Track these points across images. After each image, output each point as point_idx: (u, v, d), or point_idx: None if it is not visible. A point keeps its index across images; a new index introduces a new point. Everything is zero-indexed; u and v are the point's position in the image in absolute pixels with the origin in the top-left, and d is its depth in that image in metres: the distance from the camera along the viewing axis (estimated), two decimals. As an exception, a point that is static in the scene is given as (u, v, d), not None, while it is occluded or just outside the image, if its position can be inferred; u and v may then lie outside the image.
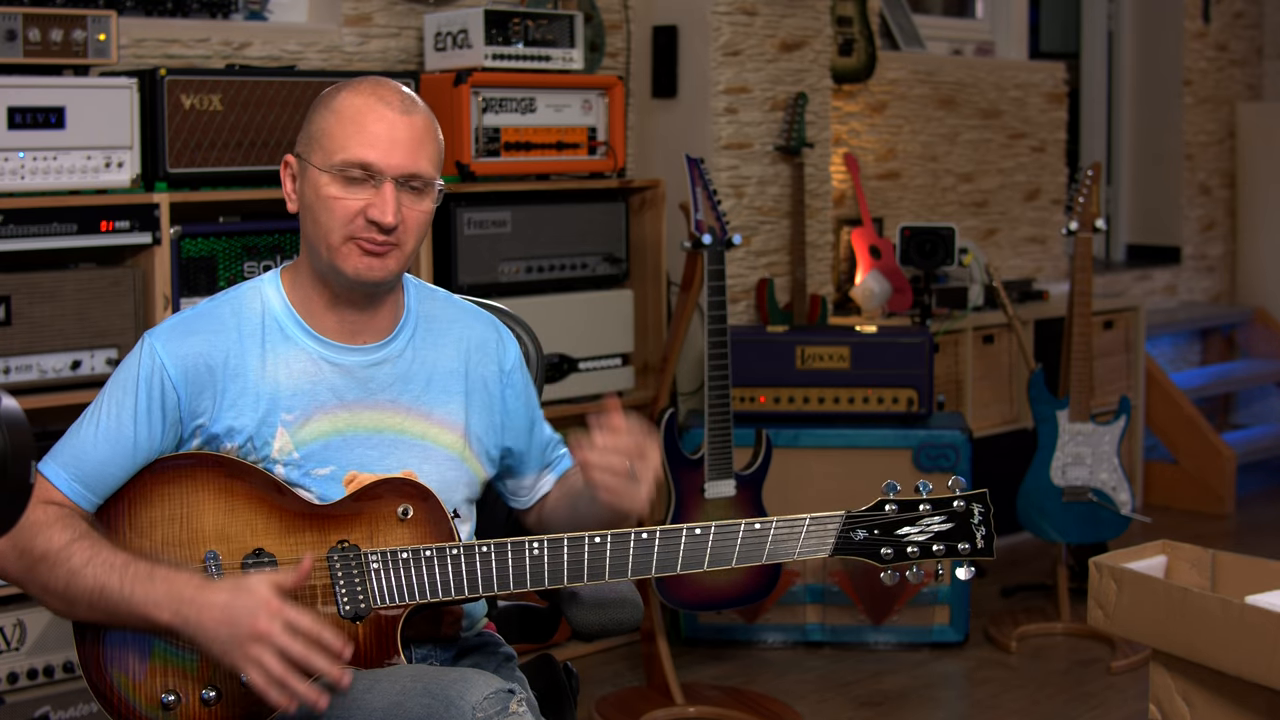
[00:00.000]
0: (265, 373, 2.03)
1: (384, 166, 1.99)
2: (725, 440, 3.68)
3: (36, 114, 3.10)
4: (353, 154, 1.99)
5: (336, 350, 2.07)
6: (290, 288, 2.09)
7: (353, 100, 2.02)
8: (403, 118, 2.02)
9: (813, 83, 4.71)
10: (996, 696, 3.92)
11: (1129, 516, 4.28)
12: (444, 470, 2.11)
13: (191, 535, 1.97)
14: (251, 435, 2.02)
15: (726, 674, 4.03)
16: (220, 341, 2.03)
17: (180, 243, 3.28)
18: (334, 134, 2.01)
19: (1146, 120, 6.70)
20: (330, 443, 2.04)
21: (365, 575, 1.99)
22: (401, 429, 2.09)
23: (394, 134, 2.00)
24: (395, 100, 2.03)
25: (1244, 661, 2.37)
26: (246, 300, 2.08)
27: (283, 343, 2.05)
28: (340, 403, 2.06)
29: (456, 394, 2.14)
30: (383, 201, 1.99)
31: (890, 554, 2.05)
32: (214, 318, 2.06)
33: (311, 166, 2.03)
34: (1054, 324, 5.06)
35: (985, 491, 2.08)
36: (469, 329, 2.19)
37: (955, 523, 2.06)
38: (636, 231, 4.18)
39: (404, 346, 2.12)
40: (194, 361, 2.01)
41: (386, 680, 1.92)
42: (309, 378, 2.05)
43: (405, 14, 4.10)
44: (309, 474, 2.03)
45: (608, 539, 2.01)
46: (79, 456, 1.99)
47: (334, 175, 2.00)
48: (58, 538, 1.91)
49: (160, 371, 2.00)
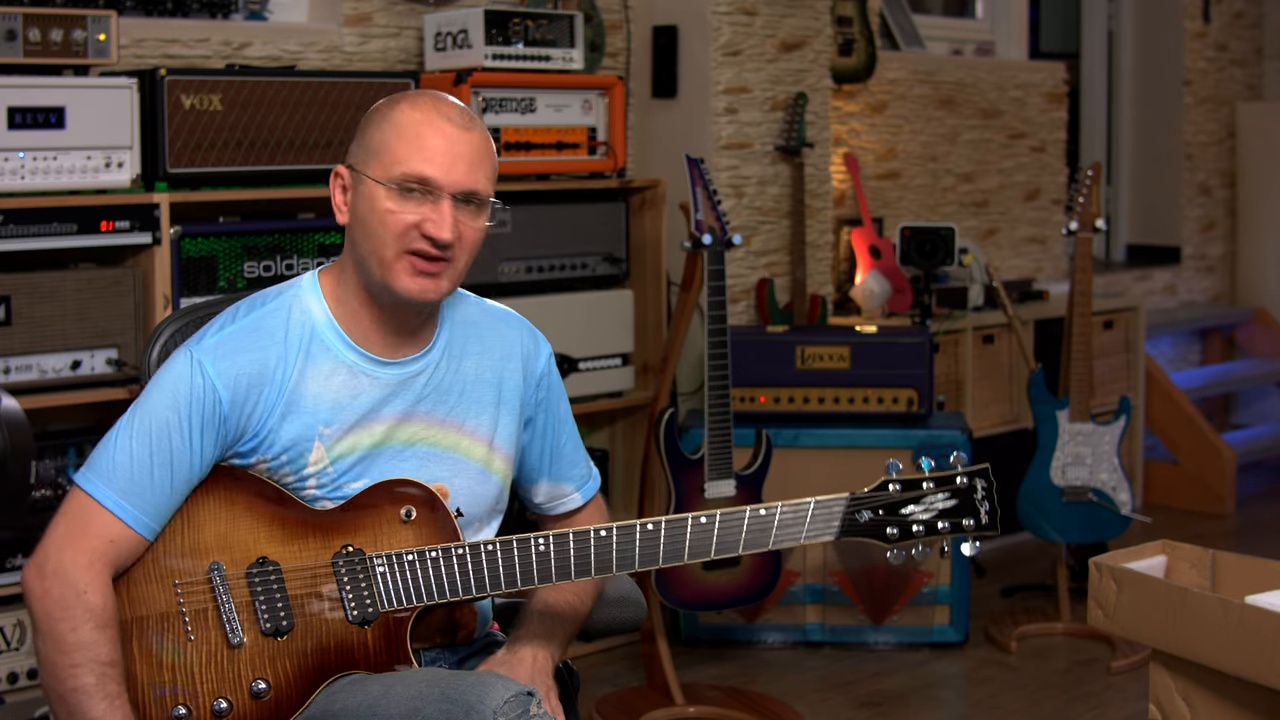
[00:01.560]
0: (306, 386, 2.01)
1: (443, 182, 1.97)
2: (725, 440, 3.68)
3: (36, 114, 3.10)
4: (413, 168, 1.96)
5: (376, 364, 2.05)
6: (332, 297, 2.05)
7: (412, 114, 1.99)
8: (463, 133, 1.99)
9: (813, 83, 4.71)
10: (996, 696, 3.92)
11: (1129, 516, 4.28)
12: (474, 483, 2.11)
13: (194, 546, 1.96)
14: (288, 449, 2.00)
15: (726, 674, 4.03)
16: (267, 357, 2.00)
17: (180, 243, 3.28)
18: (393, 147, 1.98)
19: (1146, 120, 6.70)
20: (365, 456, 2.03)
21: (371, 579, 1.98)
22: (435, 442, 2.08)
23: (454, 149, 1.98)
24: (455, 116, 2.00)
25: (1244, 661, 2.37)
26: (291, 310, 2.04)
27: (323, 355, 2.03)
28: (377, 416, 2.04)
29: (488, 404, 2.13)
30: (440, 217, 1.96)
31: (896, 533, 2.05)
32: (261, 333, 2.01)
33: (367, 179, 1.99)
34: (1054, 324, 5.06)
35: (987, 466, 2.08)
36: (501, 336, 2.18)
37: (959, 499, 2.06)
38: (636, 231, 4.18)
39: (440, 357, 2.10)
40: (243, 380, 1.98)
41: (401, 685, 1.91)
42: (349, 391, 2.03)
43: (405, 14, 4.10)
44: (342, 488, 2.02)
45: (613, 532, 2.01)
46: (136, 483, 1.93)
47: (391, 189, 1.97)
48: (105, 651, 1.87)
49: (212, 394, 1.96)
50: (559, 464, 2.25)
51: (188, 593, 1.95)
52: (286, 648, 1.96)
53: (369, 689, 1.93)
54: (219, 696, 1.93)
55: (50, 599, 1.88)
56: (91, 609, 1.87)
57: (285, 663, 1.96)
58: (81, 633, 1.86)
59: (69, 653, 1.86)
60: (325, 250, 3.49)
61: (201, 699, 1.93)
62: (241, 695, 1.93)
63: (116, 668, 1.88)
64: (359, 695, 1.93)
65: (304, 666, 1.96)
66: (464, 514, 2.09)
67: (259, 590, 1.96)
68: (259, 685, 1.94)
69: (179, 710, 1.92)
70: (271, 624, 1.95)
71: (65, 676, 1.87)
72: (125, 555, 1.92)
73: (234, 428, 1.98)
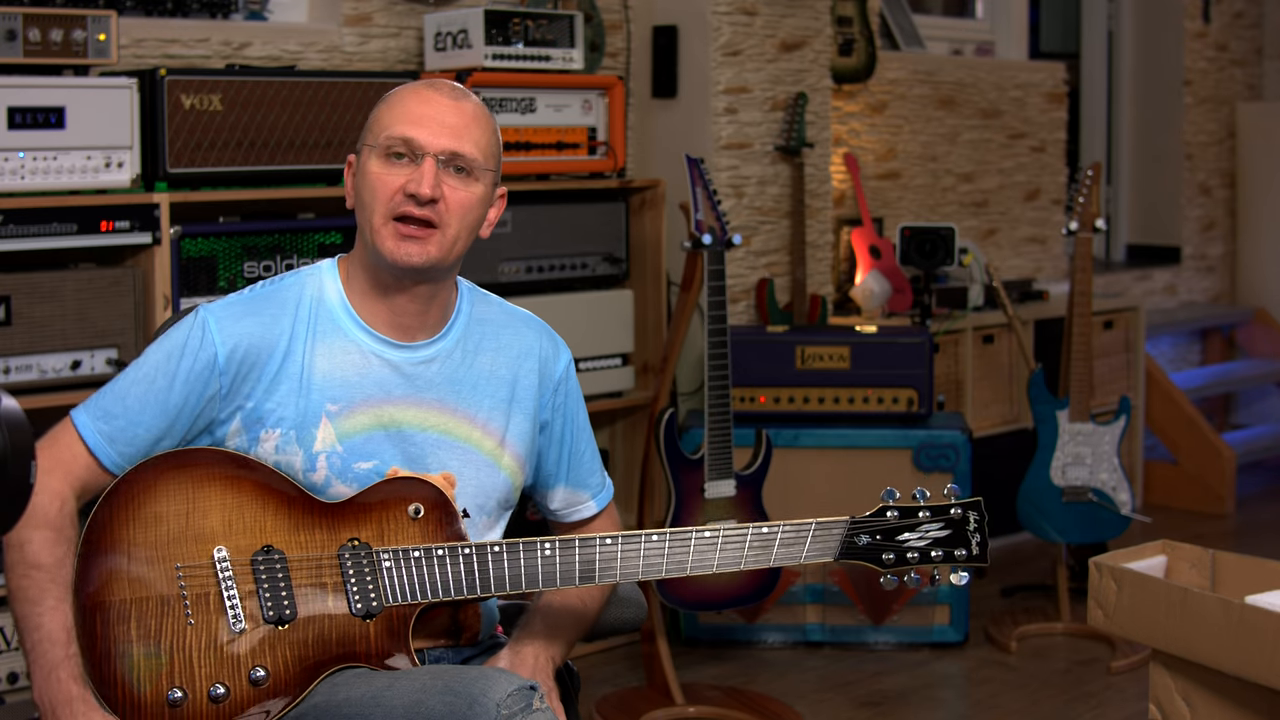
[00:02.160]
0: (314, 361, 2.04)
1: (424, 142, 2.01)
2: (725, 440, 3.68)
3: (36, 114, 3.10)
4: (395, 131, 2.02)
5: (386, 345, 2.07)
6: (346, 278, 2.10)
7: (405, 89, 2.08)
8: (450, 102, 2.05)
9: (813, 83, 4.71)
10: (996, 696, 3.92)
11: (1129, 516, 4.28)
12: (482, 475, 2.12)
13: (198, 531, 1.97)
14: (296, 424, 2.02)
15: (726, 674, 4.03)
16: (275, 327, 2.04)
17: (180, 243, 3.28)
18: (383, 119, 2.05)
19: (1146, 120, 6.70)
20: (373, 436, 2.05)
21: (377, 573, 1.99)
22: (445, 429, 2.09)
23: (439, 115, 2.03)
24: (445, 89, 2.07)
25: (1244, 661, 2.38)
26: (306, 287, 2.09)
27: (333, 333, 2.06)
28: (386, 397, 2.06)
29: (501, 400, 2.14)
30: (420, 175, 2.00)
31: (891, 559, 2.08)
32: (273, 301, 2.06)
33: (364, 151, 2.06)
34: (1054, 324, 5.06)
35: (980, 500, 2.12)
36: (519, 336, 2.19)
37: (952, 530, 2.09)
38: (636, 231, 4.18)
39: (453, 347, 2.12)
40: (244, 343, 2.02)
41: (405, 679, 1.92)
42: (357, 370, 2.05)
43: (405, 14, 4.10)
44: (351, 466, 2.04)
45: (619, 541, 2.02)
46: (110, 410, 2.00)
47: (378, 154, 2.03)
48: (35, 552, 1.93)
49: (210, 349, 2.01)
50: (577, 471, 2.26)
51: (190, 577, 1.95)
52: (288, 637, 1.96)
53: (373, 680, 1.93)
54: (217, 682, 1.93)
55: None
56: (33, 508, 1.91)
57: (285, 652, 1.96)
58: (19, 531, 1.92)
59: (8, 550, 1.93)
60: (325, 250, 3.49)
61: (199, 683, 1.93)
62: (240, 682, 1.93)
63: (43, 570, 1.92)
64: (363, 686, 1.93)
65: (304, 656, 1.97)
66: (470, 514, 2.10)
67: (263, 578, 1.97)
68: (258, 673, 1.94)
69: (175, 693, 1.92)
70: (274, 612, 1.96)
71: (7, 576, 1.94)
72: (85, 476, 2.00)
73: (226, 386, 2.01)
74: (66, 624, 1.92)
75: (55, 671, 1.91)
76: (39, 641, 1.92)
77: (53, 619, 1.92)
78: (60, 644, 1.92)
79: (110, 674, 1.93)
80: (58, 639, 1.92)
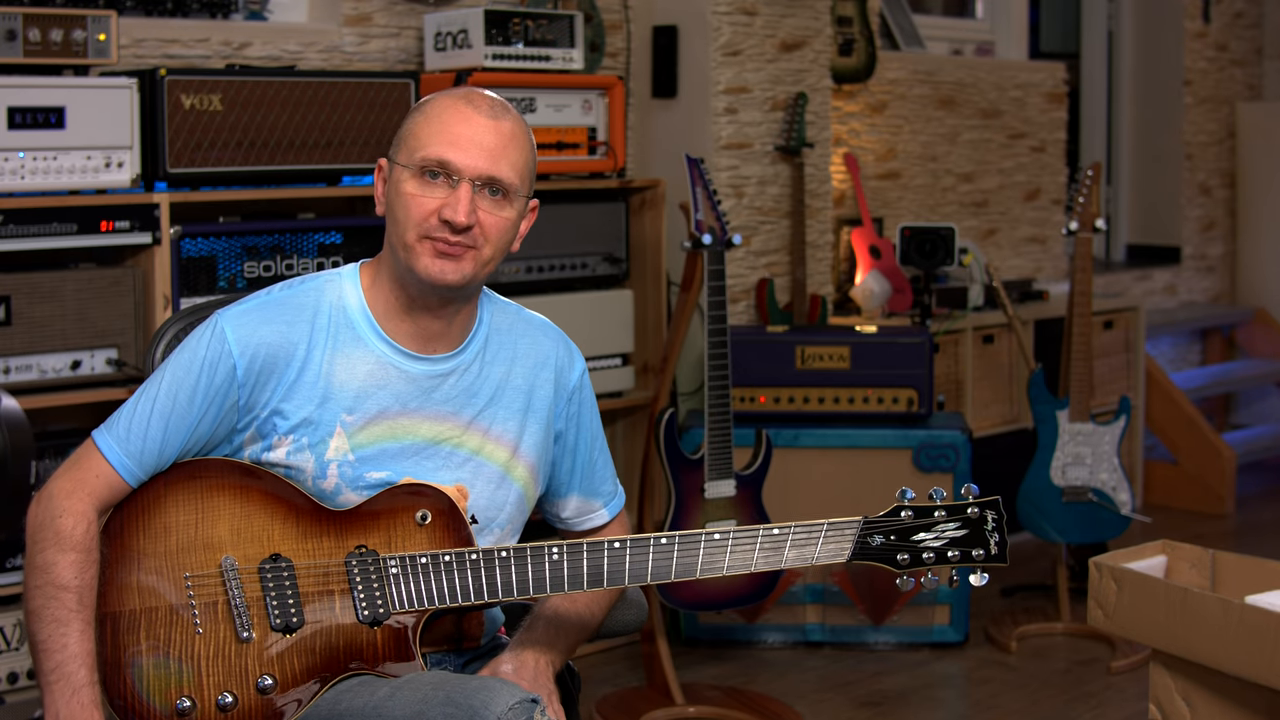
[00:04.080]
0: (332, 371, 2.02)
1: (461, 166, 1.98)
2: (725, 440, 3.68)
3: (36, 114, 3.10)
4: (432, 152, 1.99)
5: (406, 357, 2.05)
6: (369, 287, 2.07)
7: (442, 102, 2.03)
8: (489, 121, 2.01)
9: (813, 83, 4.71)
10: (996, 696, 3.92)
11: (1129, 516, 4.28)
12: (494, 488, 2.11)
13: (207, 540, 1.97)
14: (309, 432, 2.01)
15: (726, 674, 4.03)
16: (292, 334, 2.02)
17: (180, 243, 3.28)
18: (419, 133, 2.01)
19: (1146, 120, 6.70)
20: (387, 448, 2.04)
21: (384, 580, 1.99)
22: (459, 443, 2.08)
23: (477, 136, 2.00)
24: (484, 105, 2.03)
25: (1244, 661, 2.38)
26: (325, 293, 2.06)
27: (353, 342, 2.04)
28: (403, 409, 2.04)
29: (516, 410, 2.13)
30: (456, 201, 1.98)
31: (906, 559, 2.05)
32: (290, 307, 2.04)
33: (397, 165, 2.03)
34: (1054, 324, 5.06)
35: (998, 499, 2.10)
36: (536, 344, 2.18)
37: (969, 529, 2.08)
38: (636, 231, 4.18)
39: (473, 359, 2.10)
40: (262, 351, 2.00)
41: (407, 688, 1.92)
42: (375, 381, 2.03)
43: (405, 14, 4.10)
44: (363, 475, 2.03)
45: (627, 545, 2.01)
46: (133, 430, 1.98)
47: (413, 173, 2.00)
48: (62, 574, 1.91)
49: (228, 360, 1.99)
50: (590, 480, 2.25)
51: (199, 586, 1.95)
52: (295, 645, 1.96)
53: (376, 690, 1.93)
54: (224, 690, 1.93)
55: (34, 522, 1.95)
56: (59, 532, 1.91)
57: (293, 659, 1.96)
58: (46, 554, 1.91)
59: (32, 574, 1.92)
60: (325, 250, 3.49)
61: (207, 692, 1.93)
62: (248, 690, 1.93)
63: (72, 592, 1.90)
64: (365, 696, 1.93)
65: (311, 664, 1.97)
66: (478, 520, 2.09)
67: (271, 586, 1.96)
68: (265, 681, 1.94)
69: (183, 702, 1.92)
70: (282, 620, 1.96)
71: (29, 598, 1.92)
72: (109, 496, 1.97)
73: (245, 397, 2.00)
74: (93, 650, 1.91)
75: (78, 694, 1.89)
76: (64, 662, 1.89)
77: (80, 643, 1.90)
78: (87, 668, 1.90)
79: (120, 683, 1.93)
80: (85, 662, 1.90)
